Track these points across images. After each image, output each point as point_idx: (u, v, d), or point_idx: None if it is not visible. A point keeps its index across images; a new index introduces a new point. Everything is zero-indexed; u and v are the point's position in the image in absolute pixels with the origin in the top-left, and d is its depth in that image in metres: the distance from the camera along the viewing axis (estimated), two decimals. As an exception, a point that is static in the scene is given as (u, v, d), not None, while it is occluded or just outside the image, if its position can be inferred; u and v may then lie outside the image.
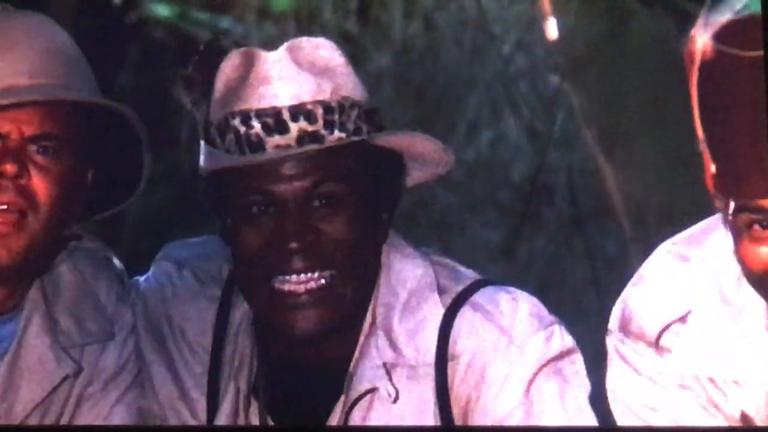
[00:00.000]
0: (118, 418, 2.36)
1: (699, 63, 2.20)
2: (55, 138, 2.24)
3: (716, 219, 2.29)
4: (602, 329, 2.41)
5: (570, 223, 3.91)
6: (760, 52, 2.17)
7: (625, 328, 2.32)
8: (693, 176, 2.31)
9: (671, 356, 2.28)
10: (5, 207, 2.23)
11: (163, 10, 3.94)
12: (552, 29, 3.85)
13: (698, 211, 2.36)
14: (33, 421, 2.31)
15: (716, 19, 2.19)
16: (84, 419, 2.35)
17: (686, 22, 2.27)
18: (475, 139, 3.94)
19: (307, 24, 3.90)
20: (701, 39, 2.19)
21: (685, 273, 2.30)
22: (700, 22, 2.21)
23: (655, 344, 2.28)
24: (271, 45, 2.32)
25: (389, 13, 3.99)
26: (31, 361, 2.33)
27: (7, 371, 2.32)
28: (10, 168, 2.21)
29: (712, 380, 2.26)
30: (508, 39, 3.98)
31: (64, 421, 2.33)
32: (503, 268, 3.77)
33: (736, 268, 2.24)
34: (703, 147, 2.21)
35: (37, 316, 2.34)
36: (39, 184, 2.24)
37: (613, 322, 2.35)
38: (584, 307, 3.54)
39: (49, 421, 2.32)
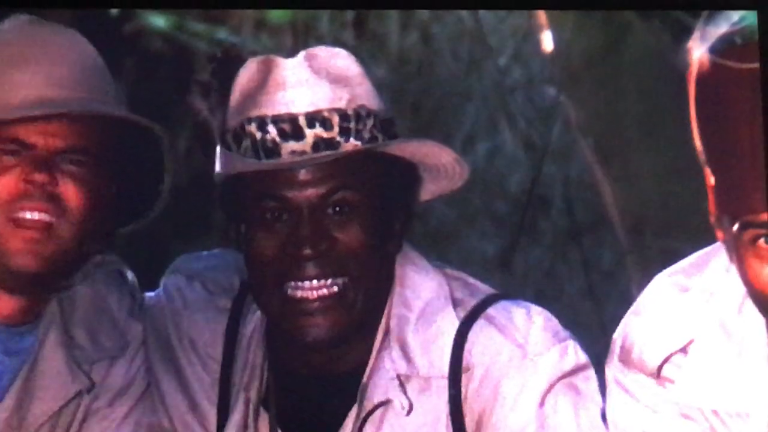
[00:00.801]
0: None
1: (696, 76, 2.20)
2: (84, 151, 2.25)
3: (715, 248, 2.28)
4: (599, 341, 2.40)
5: (566, 235, 3.91)
6: (757, 65, 2.17)
7: (625, 359, 2.31)
8: (690, 188, 2.31)
9: (673, 387, 2.27)
10: (35, 215, 2.24)
11: (159, 22, 3.94)
12: (548, 41, 3.85)
13: (695, 223, 2.35)
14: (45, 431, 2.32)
15: (713, 32, 2.19)
16: None
17: (683, 34, 2.27)
18: (472, 150, 3.94)
19: (304, 36, 3.90)
20: (698, 52, 2.19)
21: (685, 303, 2.29)
22: (696, 34, 2.21)
23: (657, 375, 2.27)
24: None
25: (385, 25, 3.99)
26: (46, 374, 2.33)
27: (23, 384, 2.33)
28: (39, 177, 2.22)
29: (715, 412, 2.25)
30: (505, 51, 3.98)
31: None
32: (499, 279, 3.76)
33: (737, 298, 2.23)
34: (703, 161, 2.20)
35: (54, 330, 2.35)
36: (69, 193, 2.25)
37: (613, 353, 2.34)
38: (580, 319, 3.53)
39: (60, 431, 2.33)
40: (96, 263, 2.41)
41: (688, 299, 2.29)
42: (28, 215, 2.24)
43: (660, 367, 2.27)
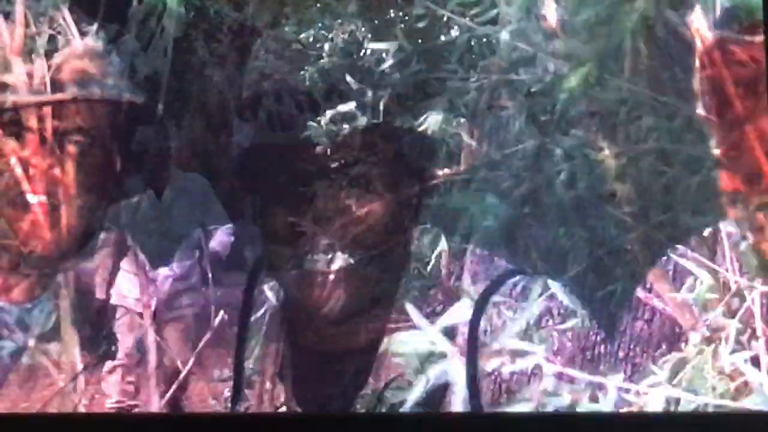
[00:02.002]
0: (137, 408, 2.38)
1: (699, 49, 2.19)
2: (87, 132, 2.27)
3: (725, 225, 2.29)
4: (603, 315, 2.40)
5: (570, 209, 3.90)
6: (761, 38, 2.16)
7: (639, 336, 2.31)
8: (694, 162, 2.31)
9: (688, 365, 2.27)
10: (39, 199, 2.26)
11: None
12: (552, 14, 3.84)
13: (700, 198, 2.35)
14: (53, 407, 2.34)
15: (716, 5, 2.18)
16: (101, 408, 2.37)
17: (686, 7, 2.27)
18: (476, 125, 3.93)
19: (308, 9, 3.89)
20: (701, 25, 2.18)
21: (696, 282, 2.29)
22: (699, 7, 2.20)
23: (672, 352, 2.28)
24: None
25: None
26: (57, 348, 2.35)
27: (33, 358, 2.34)
28: (43, 162, 2.24)
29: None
30: (509, 23, 3.98)
31: (80, 408, 2.35)
32: (504, 255, 3.76)
33: (748, 276, 2.23)
34: (709, 136, 2.20)
35: (65, 304, 2.37)
36: (70, 175, 2.27)
37: (628, 330, 2.34)
38: (585, 294, 3.53)
39: (66, 408, 2.34)
40: (104, 239, 2.43)
41: (698, 278, 2.30)
42: (31, 199, 2.26)
43: (676, 345, 2.28)
